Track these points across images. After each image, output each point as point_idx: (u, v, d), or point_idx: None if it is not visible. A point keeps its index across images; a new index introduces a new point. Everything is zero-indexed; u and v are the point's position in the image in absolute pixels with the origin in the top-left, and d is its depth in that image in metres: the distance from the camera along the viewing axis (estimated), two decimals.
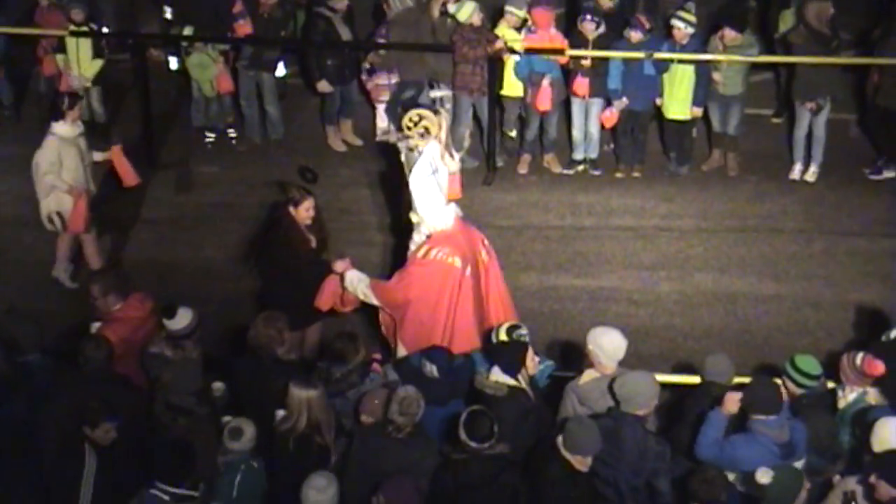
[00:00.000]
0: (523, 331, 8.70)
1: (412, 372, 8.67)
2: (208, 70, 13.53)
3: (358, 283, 9.86)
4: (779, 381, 8.40)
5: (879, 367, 8.40)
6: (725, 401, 8.05)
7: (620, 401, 8.11)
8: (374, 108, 13.81)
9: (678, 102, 12.90)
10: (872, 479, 7.35)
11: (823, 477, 7.96)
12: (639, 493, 8.03)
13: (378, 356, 9.35)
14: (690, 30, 12.58)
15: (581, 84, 12.88)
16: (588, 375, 8.57)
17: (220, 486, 8.06)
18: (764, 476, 7.26)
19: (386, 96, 13.57)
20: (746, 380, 8.52)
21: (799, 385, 8.38)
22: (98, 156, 11.60)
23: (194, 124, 14.00)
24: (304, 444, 8.02)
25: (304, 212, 10.01)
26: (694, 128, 13.30)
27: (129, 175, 11.70)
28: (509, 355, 8.55)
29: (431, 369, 8.59)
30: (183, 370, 8.59)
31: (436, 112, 9.93)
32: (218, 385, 8.72)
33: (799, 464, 7.89)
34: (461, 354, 9.14)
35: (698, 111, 13.00)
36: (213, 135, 13.97)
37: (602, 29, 12.72)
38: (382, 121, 13.73)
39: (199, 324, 9.13)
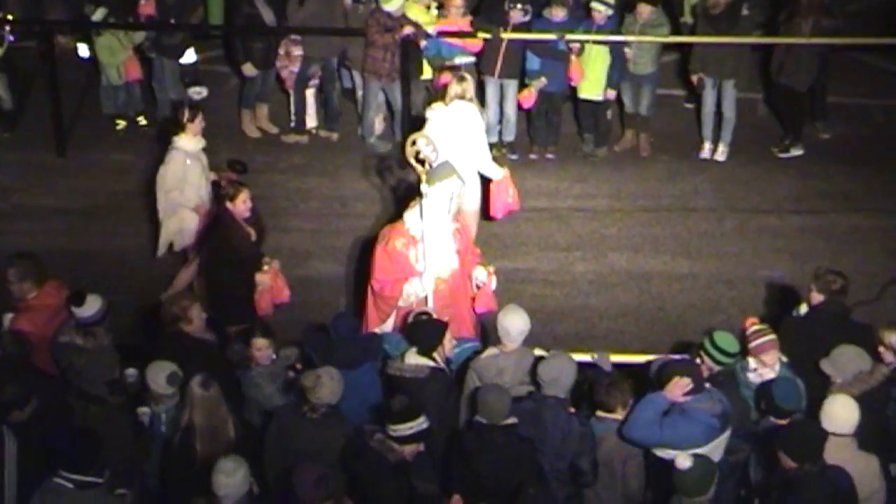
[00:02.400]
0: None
1: (321, 340, 8.72)
2: (117, 55, 13.39)
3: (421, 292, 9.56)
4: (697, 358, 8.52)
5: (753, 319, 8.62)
6: (672, 386, 8.04)
7: (543, 384, 8.14)
8: (287, 94, 13.73)
9: (591, 82, 12.97)
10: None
11: (737, 456, 8.05)
12: (562, 474, 8.09)
13: None
14: (609, 11, 12.68)
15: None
16: (487, 352, 8.66)
17: (144, 439, 8.26)
18: (684, 461, 7.30)
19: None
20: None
21: (717, 362, 8.47)
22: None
23: (105, 111, 13.83)
24: (185, 438, 7.96)
25: (241, 204, 9.95)
26: (609, 109, 13.39)
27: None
28: (430, 335, 8.59)
29: (335, 332, 8.69)
30: (95, 359, 8.53)
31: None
32: (131, 371, 8.65)
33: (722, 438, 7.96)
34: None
35: (612, 92, 13.09)
36: (123, 122, 13.81)
37: (529, 17, 12.75)
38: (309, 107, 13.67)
39: (109, 311, 9.01)
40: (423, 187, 9.25)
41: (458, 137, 10.86)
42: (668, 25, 13.06)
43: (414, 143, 9.36)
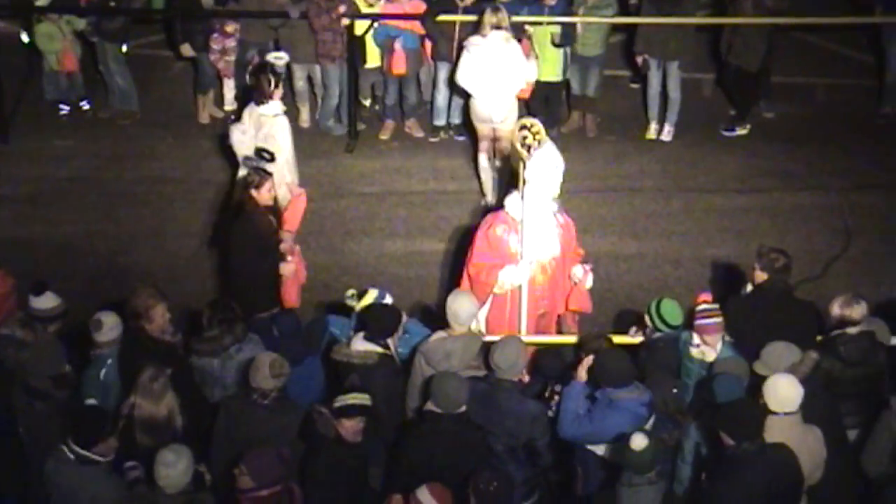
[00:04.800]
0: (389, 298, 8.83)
1: (267, 336, 8.72)
2: (55, 42, 13.28)
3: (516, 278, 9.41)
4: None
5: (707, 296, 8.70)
6: (580, 368, 8.14)
7: (500, 370, 8.15)
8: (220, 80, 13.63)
9: (548, 63, 12.93)
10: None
11: (669, 441, 8.11)
12: (517, 453, 8.12)
13: None
14: None
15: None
16: (435, 336, 8.64)
17: (87, 379, 8.26)
18: (640, 441, 7.36)
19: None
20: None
21: (657, 329, 8.64)
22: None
23: (47, 97, 13.72)
24: (126, 429, 7.90)
25: (265, 193, 9.84)
26: (563, 90, 13.43)
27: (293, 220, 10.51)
28: (385, 322, 8.58)
29: (276, 331, 8.69)
30: (38, 353, 8.38)
31: None
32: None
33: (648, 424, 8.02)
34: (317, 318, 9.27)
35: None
36: (66, 108, 13.70)
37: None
38: (230, 90, 13.55)
39: (65, 313, 8.94)
40: (527, 173, 9.11)
41: (498, 66, 11.55)
42: (615, 7, 13.10)
43: (523, 128, 9.19)
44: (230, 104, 13.51)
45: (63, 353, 8.45)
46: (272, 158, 10.36)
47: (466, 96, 12.50)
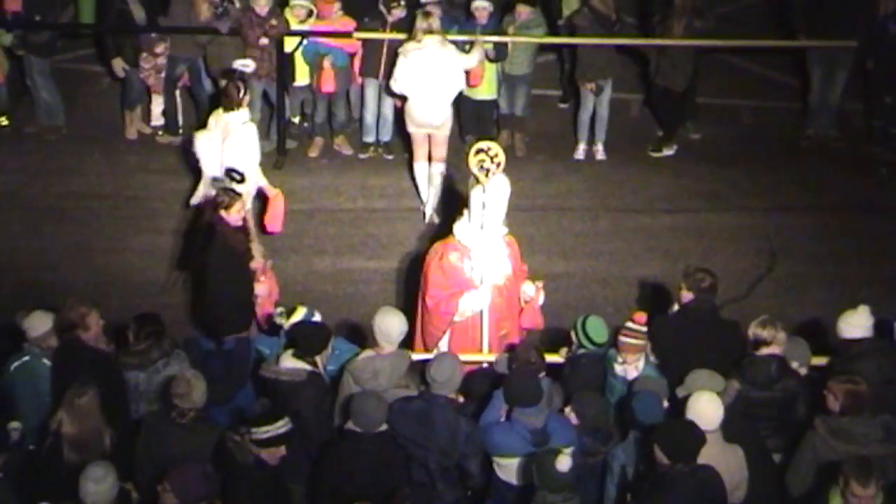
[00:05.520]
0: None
1: (196, 352, 8.74)
2: None
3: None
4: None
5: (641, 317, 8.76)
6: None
7: (435, 384, 8.16)
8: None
9: (486, 82, 12.96)
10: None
11: (597, 458, 8.15)
12: (449, 473, 8.13)
13: None
14: (491, 8, 12.77)
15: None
16: (364, 354, 8.64)
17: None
18: (566, 462, 7.37)
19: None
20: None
21: (581, 345, 8.75)
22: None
23: None
24: (53, 444, 7.83)
25: (235, 213, 9.79)
26: (494, 108, 13.48)
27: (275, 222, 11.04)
28: (315, 339, 8.55)
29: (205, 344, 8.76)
30: None
31: None
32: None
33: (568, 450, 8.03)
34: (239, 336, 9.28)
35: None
36: None
37: (404, 13, 12.76)
38: (157, 106, 13.46)
39: None
40: (478, 195, 9.07)
41: (434, 71, 11.72)
42: (544, 27, 13.18)
43: (479, 151, 9.12)
44: (157, 119, 13.43)
45: None
46: (242, 179, 10.35)
47: (397, 112, 12.53)
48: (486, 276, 9.20)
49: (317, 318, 9.00)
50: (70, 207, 12.42)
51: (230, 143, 10.64)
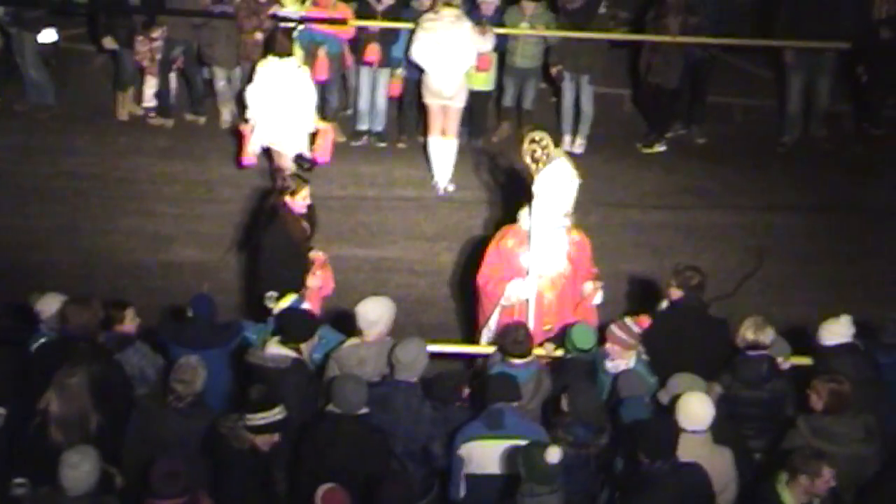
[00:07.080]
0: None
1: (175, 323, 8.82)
2: None
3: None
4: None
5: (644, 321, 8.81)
6: None
7: (399, 366, 8.19)
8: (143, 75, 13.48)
9: (483, 74, 12.97)
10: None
11: (589, 450, 8.16)
12: (414, 456, 8.14)
13: None
14: (497, 1, 12.83)
15: (372, 50, 12.88)
16: (349, 342, 8.65)
17: None
18: (555, 454, 7.38)
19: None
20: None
21: (568, 351, 8.80)
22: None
23: None
24: (41, 423, 7.82)
25: (301, 200, 9.76)
26: (489, 101, 13.45)
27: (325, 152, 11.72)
28: (298, 326, 8.55)
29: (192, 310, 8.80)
30: None
31: None
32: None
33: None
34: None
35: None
36: None
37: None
38: (150, 87, 13.42)
39: None
40: (535, 186, 9.05)
41: (449, 43, 12.16)
42: (552, 20, 13.17)
43: (532, 141, 9.12)
44: (149, 101, 13.37)
45: None
46: (311, 167, 10.62)
47: (393, 100, 12.58)
48: (535, 265, 9.17)
49: (305, 305, 9.00)
50: (58, 187, 12.39)
51: (287, 87, 11.40)
